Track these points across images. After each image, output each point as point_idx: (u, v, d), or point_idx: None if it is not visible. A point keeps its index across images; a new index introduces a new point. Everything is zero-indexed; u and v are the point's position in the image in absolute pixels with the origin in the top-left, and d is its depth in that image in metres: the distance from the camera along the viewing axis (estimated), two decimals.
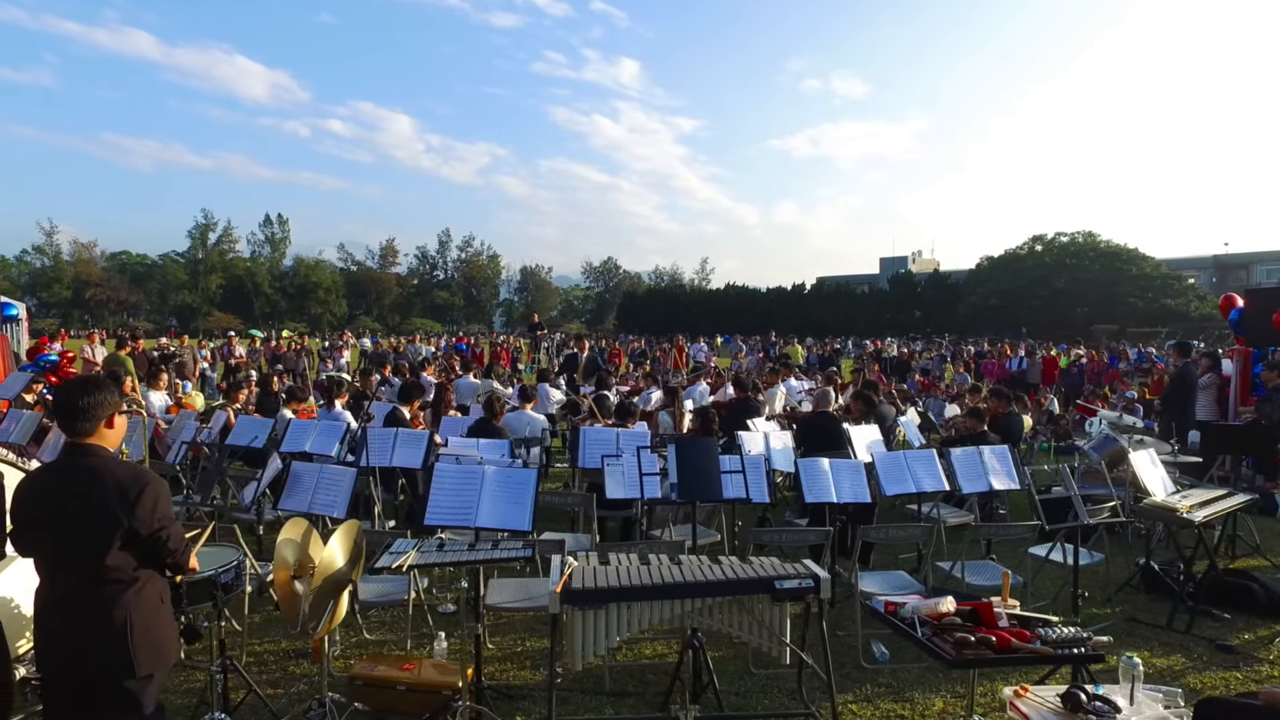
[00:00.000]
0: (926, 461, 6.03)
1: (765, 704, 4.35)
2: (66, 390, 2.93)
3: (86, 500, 2.76)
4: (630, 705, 4.29)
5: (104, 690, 2.81)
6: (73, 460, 2.86)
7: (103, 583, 2.78)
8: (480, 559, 3.62)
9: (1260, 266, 58.39)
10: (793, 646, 4.05)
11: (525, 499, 4.07)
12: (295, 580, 3.59)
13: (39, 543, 2.85)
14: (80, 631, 2.76)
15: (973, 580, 5.11)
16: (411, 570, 3.70)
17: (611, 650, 4.15)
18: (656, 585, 3.60)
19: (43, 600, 2.85)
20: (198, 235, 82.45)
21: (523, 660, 4.86)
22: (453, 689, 4.08)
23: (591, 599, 3.53)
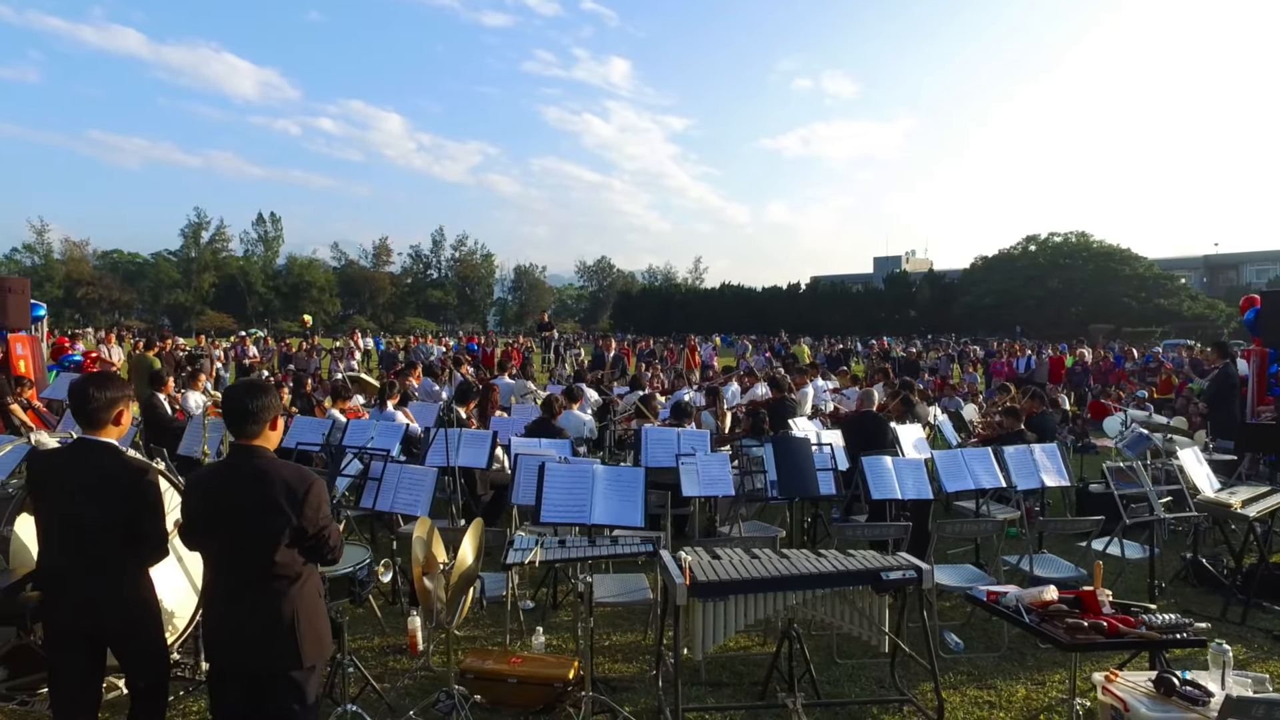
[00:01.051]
0: (984, 460, 6.23)
1: (856, 692, 4.54)
2: (236, 393, 3.06)
3: (257, 500, 2.88)
4: (729, 695, 4.46)
5: (272, 681, 2.93)
6: (241, 461, 2.98)
7: (271, 578, 2.90)
8: (605, 554, 3.79)
9: (1250, 266, 59.30)
10: (892, 636, 4.25)
11: (636, 496, 4.24)
12: (425, 576, 3.74)
13: (210, 540, 2.97)
14: (251, 625, 2.89)
15: (1039, 572, 5.31)
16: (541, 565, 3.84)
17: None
18: (776, 577, 3.79)
19: (214, 595, 2.98)
20: (190, 234, 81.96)
21: (613, 654, 5.02)
22: (563, 681, 4.25)
23: (716, 591, 3.70)
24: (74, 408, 3.09)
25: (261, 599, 2.91)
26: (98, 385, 3.11)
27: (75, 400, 3.08)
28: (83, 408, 3.06)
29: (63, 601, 3.02)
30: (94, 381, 3.13)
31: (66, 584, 3.01)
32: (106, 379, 3.18)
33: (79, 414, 3.08)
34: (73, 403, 3.10)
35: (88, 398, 3.07)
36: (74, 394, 3.09)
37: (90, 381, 3.13)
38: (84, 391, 3.08)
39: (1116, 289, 48.67)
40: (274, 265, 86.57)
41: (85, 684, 3.10)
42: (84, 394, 3.07)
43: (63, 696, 3.07)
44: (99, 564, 3.04)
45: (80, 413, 3.07)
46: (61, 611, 3.02)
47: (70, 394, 3.14)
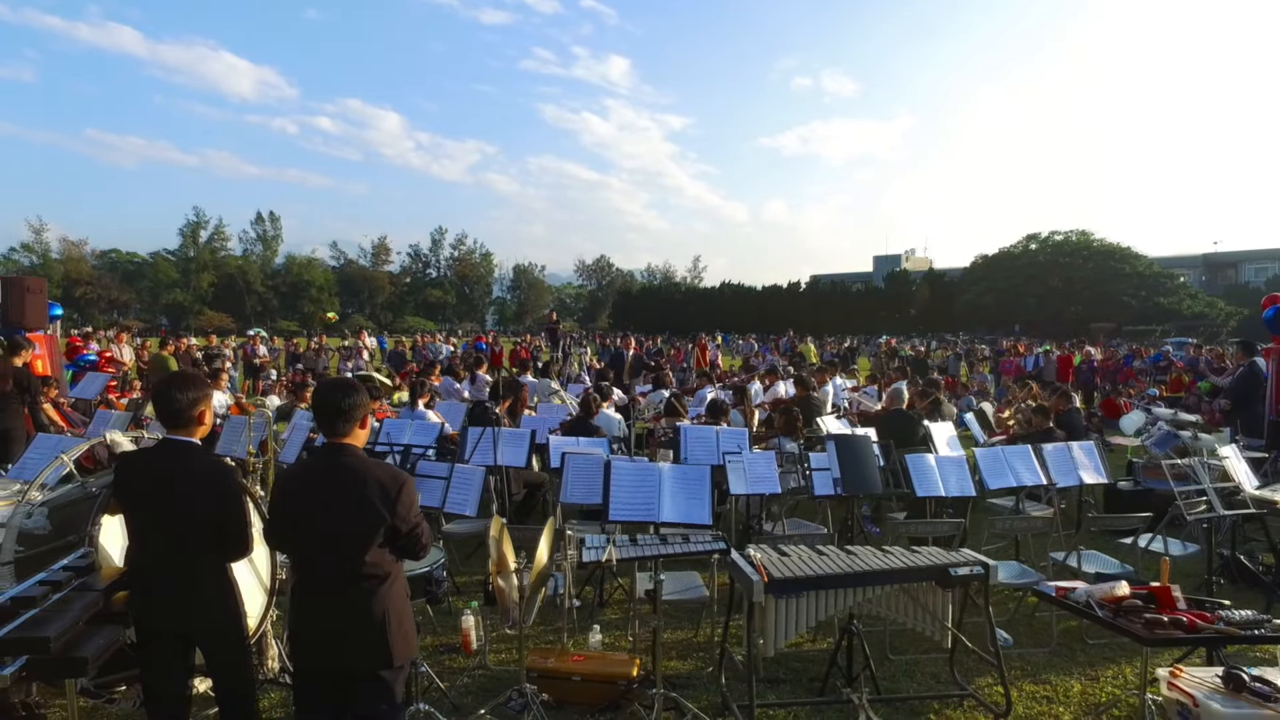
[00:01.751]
0: (1024, 457, 6.27)
1: (914, 687, 4.57)
2: (328, 391, 3.06)
3: (351, 498, 2.88)
4: (788, 691, 4.49)
5: (361, 680, 2.93)
6: (333, 459, 2.99)
7: (363, 577, 2.91)
8: (677, 552, 3.82)
9: (1249, 265, 59.59)
10: (955, 631, 4.29)
11: (703, 494, 4.26)
12: (498, 575, 3.76)
13: (301, 539, 2.98)
14: (343, 624, 2.89)
15: (1086, 568, 5.35)
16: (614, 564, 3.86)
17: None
18: (851, 573, 3.82)
19: (304, 594, 2.97)
20: (189, 233, 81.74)
21: (667, 651, 5.04)
22: (627, 679, 4.27)
23: (791, 587, 3.73)
24: (159, 409, 3.10)
25: (354, 598, 2.91)
26: (180, 387, 3.12)
27: (160, 402, 3.09)
28: (168, 409, 3.07)
29: (154, 602, 3.03)
30: (177, 383, 3.14)
31: (157, 584, 3.02)
32: (188, 380, 3.19)
33: (164, 415, 3.09)
34: (157, 405, 3.11)
35: (172, 399, 3.08)
36: (158, 396, 3.10)
37: (173, 383, 3.14)
38: (168, 393, 3.09)
39: (1117, 287, 48.87)
40: (273, 265, 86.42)
41: (176, 683, 3.11)
42: (168, 396, 3.08)
43: (155, 695, 3.08)
44: (189, 564, 3.05)
45: (166, 414, 3.08)
46: (153, 611, 3.03)
47: (154, 396, 3.15)
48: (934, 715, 4.21)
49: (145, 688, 3.08)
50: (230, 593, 3.15)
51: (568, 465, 5.60)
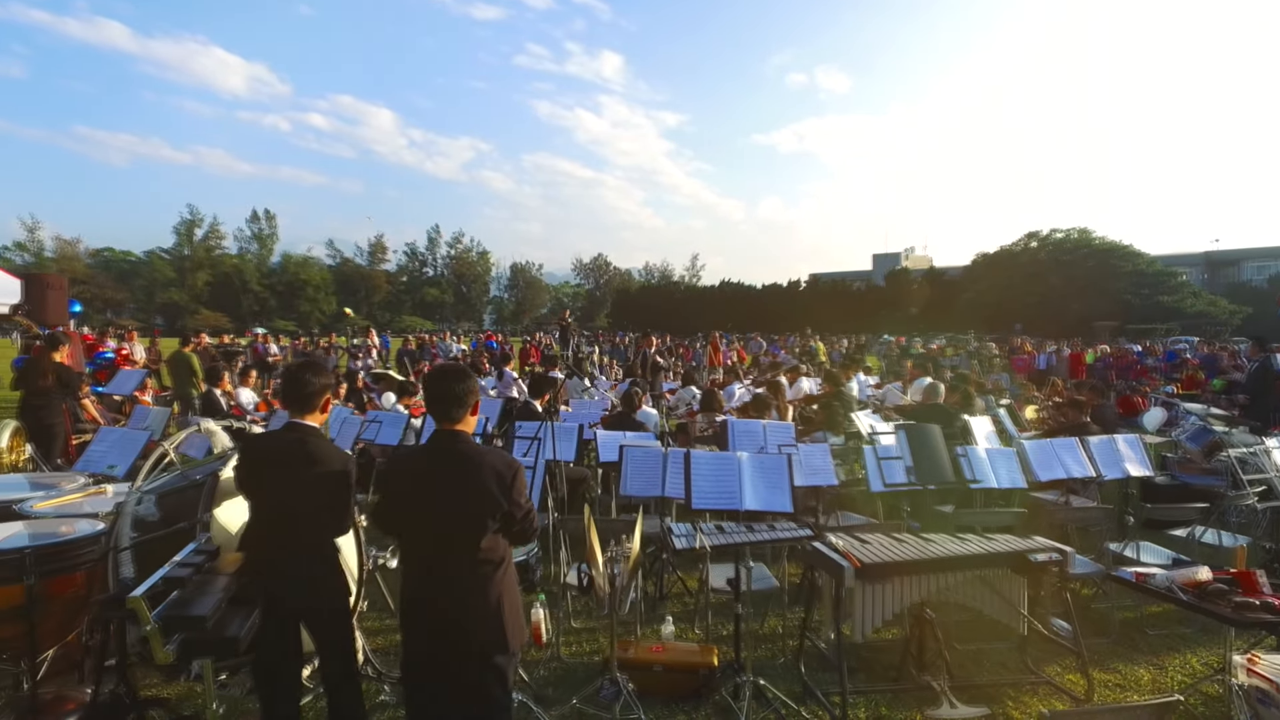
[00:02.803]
0: (1071, 449, 6.33)
1: (983, 674, 4.62)
2: (441, 379, 3.10)
3: (468, 485, 2.92)
4: (863, 678, 4.54)
5: (476, 664, 2.96)
6: (447, 446, 3.02)
7: (479, 563, 2.95)
8: (766, 539, 3.87)
9: (1250, 263, 59.98)
10: (1030, 617, 4.34)
11: (783, 483, 4.31)
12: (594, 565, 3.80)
13: (416, 525, 3.00)
14: (458, 609, 2.92)
15: (1145, 558, 5.41)
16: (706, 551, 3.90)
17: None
18: (938, 558, 3.87)
19: (418, 579, 3.00)
20: (184, 231, 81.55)
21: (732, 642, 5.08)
22: (709, 668, 4.31)
23: (881, 574, 3.78)
24: (288, 393, 3.14)
25: (469, 583, 2.94)
26: (313, 371, 3.17)
27: (291, 386, 3.13)
28: (299, 393, 3.11)
29: (278, 582, 3.06)
30: (309, 368, 3.19)
31: (282, 565, 3.05)
32: (319, 366, 3.24)
33: (293, 399, 3.13)
34: (287, 388, 3.15)
35: (304, 383, 3.12)
36: (290, 380, 3.15)
37: (306, 368, 3.19)
38: (300, 377, 3.13)
39: (1118, 286, 49.10)
40: (269, 263, 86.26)
41: (292, 665, 3.15)
42: (300, 380, 3.12)
43: (270, 678, 3.11)
44: (312, 546, 3.09)
45: (296, 398, 3.12)
46: (278, 592, 3.06)
47: (286, 380, 3.20)
48: (1010, 701, 4.27)
49: (262, 670, 3.11)
50: (344, 574, 3.19)
51: (627, 459, 5.63)
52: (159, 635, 2.24)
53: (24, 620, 3.64)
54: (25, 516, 4.34)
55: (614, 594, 3.69)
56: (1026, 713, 4.13)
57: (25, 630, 3.67)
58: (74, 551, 3.71)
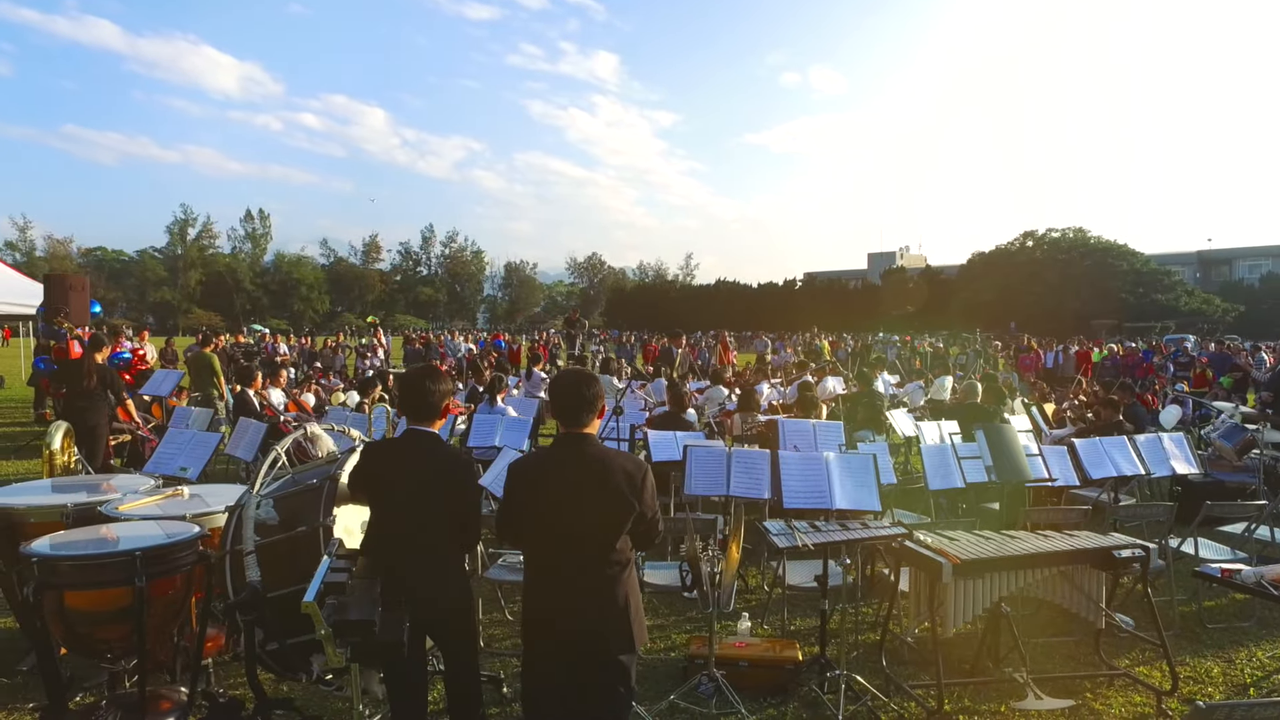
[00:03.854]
0: (1121, 448, 6.44)
1: (1057, 667, 4.70)
2: (570, 383, 3.13)
3: (602, 488, 2.94)
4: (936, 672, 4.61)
5: (604, 665, 2.99)
6: (576, 450, 3.05)
7: (608, 564, 2.98)
8: (862, 537, 3.93)
9: (1242, 262, 60.68)
10: (1109, 612, 4.42)
11: (870, 481, 4.37)
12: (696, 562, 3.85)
13: (545, 528, 3.01)
14: (590, 609, 2.95)
15: (1204, 554, 5.51)
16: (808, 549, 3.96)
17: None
18: (1028, 555, 3.94)
19: (547, 581, 3.02)
20: (176, 230, 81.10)
21: (806, 638, 5.13)
22: (794, 663, 4.38)
23: (976, 570, 3.85)
24: (410, 400, 3.17)
25: (599, 584, 2.96)
26: (434, 379, 3.20)
27: (413, 393, 3.16)
28: (423, 400, 3.14)
29: (407, 589, 3.08)
30: (430, 375, 3.22)
31: (407, 574, 3.07)
32: (439, 373, 3.28)
33: (416, 406, 3.15)
34: (409, 396, 3.18)
35: (427, 391, 3.14)
36: (412, 387, 3.18)
37: (427, 375, 3.21)
38: (422, 385, 3.16)
39: (1114, 285, 49.54)
40: (262, 262, 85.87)
41: (420, 672, 3.18)
42: (422, 387, 3.15)
43: (401, 685, 3.14)
44: (437, 553, 3.12)
45: (419, 405, 3.15)
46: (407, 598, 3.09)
47: (406, 387, 3.22)
48: (1089, 694, 4.35)
49: (393, 678, 3.14)
50: (466, 577, 3.23)
51: (691, 458, 5.68)
52: (331, 639, 2.28)
53: (132, 621, 3.67)
54: (111, 519, 4.34)
55: (715, 592, 3.74)
56: (1108, 705, 4.21)
57: (133, 631, 3.70)
58: (177, 554, 3.73)
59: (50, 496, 4.82)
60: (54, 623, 3.64)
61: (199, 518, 4.27)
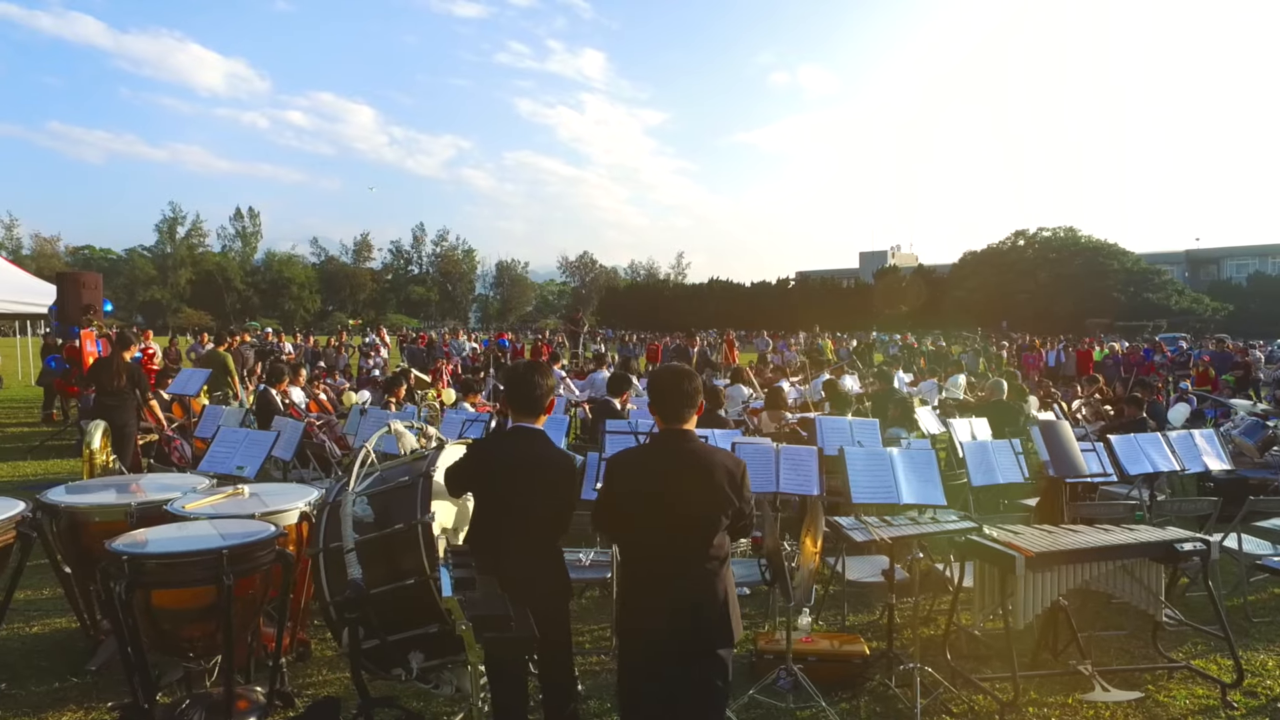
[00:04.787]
0: (1156, 444, 6.52)
1: (1114, 660, 4.77)
2: (671, 379, 3.17)
3: (704, 483, 2.97)
4: (998, 664, 4.67)
5: (701, 658, 3.01)
6: (677, 445, 3.08)
7: (709, 558, 3.01)
8: (933, 531, 3.99)
9: (1230, 261, 61.45)
10: (1169, 605, 4.50)
11: (934, 476, 4.43)
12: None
13: (646, 524, 3.03)
14: (693, 604, 2.96)
15: (1248, 549, 5.60)
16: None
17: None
18: (1096, 548, 4.01)
19: (648, 577, 3.04)
20: (165, 229, 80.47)
21: (867, 634, 5.18)
22: (861, 657, 4.43)
23: (1047, 563, 3.92)
24: (518, 396, 3.18)
25: (700, 579, 2.99)
26: (542, 374, 3.22)
27: (521, 389, 3.17)
28: (529, 395, 3.16)
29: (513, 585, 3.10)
30: (538, 370, 3.24)
31: (515, 568, 3.08)
32: (546, 368, 3.30)
33: (523, 402, 3.17)
34: (517, 391, 3.19)
35: (534, 385, 3.16)
36: (519, 383, 3.19)
37: (535, 370, 3.23)
38: (530, 380, 3.18)
39: (1105, 284, 50.04)
40: (252, 261, 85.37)
41: (524, 673, 3.21)
42: (530, 382, 3.17)
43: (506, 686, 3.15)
44: (542, 550, 3.14)
45: (526, 400, 3.16)
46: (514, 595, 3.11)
47: (516, 384, 3.24)
48: (1151, 686, 4.42)
49: (496, 675, 3.15)
50: (568, 574, 3.25)
51: (740, 456, 5.73)
52: (471, 634, 2.30)
53: (216, 620, 3.67)
54: (178, 518, 4.34)
55: (795, 588, 3.79)
56: (1172, 698, 4.29)
57: (217, 630, 3.71)
58: (258, 552, 3.73)
59: (111, 496, 4.80)
60: (124, 619, 3.63)
61: (269, 516, 4.28)
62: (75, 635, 5.06)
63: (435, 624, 3.16)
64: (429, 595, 3.12)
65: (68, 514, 4.56)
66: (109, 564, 3.63)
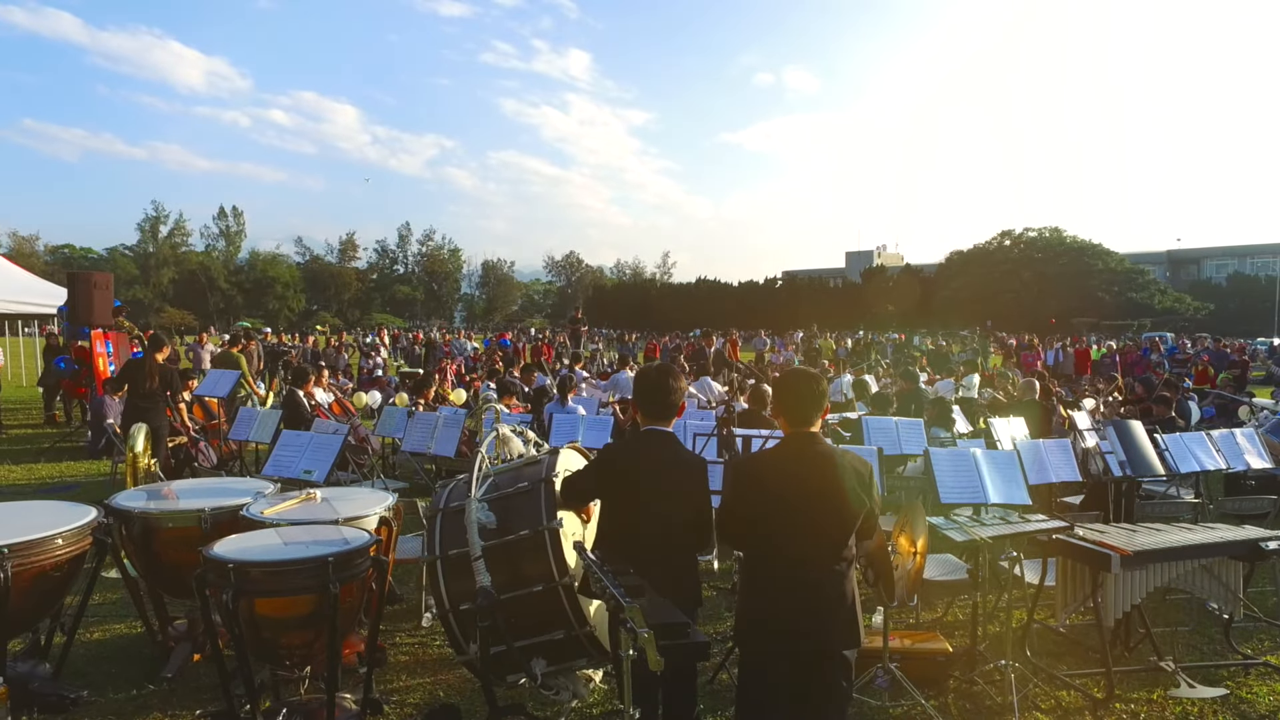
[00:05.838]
0: (1201, 443, 6.62)
1: (1182, 657, 4.83)
2: (799, 382, 3.16)
3: (838, 486, 2.96)
4: (1072, 661, 4.72)
5: (827, 660, 3.01)
6: (807, 449, 3.06)
7: (838, 560, 3.01)
8: (1024, 530, 4.02)
9: (1210, 261, 62.54)
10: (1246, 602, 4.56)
11: (1017, 476, 4.46)
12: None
13: (777, 527, 3.00)
14: (823, 606, 2.96)
15: None
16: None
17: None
18: (1187, 546, 4.06)
19: (778, 583, 3.01)
20: (148, 228, 79.33)
21: (941, 630, 5.20)
22: (944, 655, 4.45)
23: (1140, 562, 3.96)
24: (652, 399, 3.16)
25: (830, 581, 2.98)
26: (675, 376, 3.20)
27: (654, 392, 3.15)
28: (664, 399, 3.14)
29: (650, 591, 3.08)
30: (672, 373, 3.22)
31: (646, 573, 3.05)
32: (678, 371, 3.28)
33: (658, 405, 3.15)
34: (650, 395, 3.17)
35: (669, 389, 3.14)
36: (653, 386, 3.17)
37: (668, 373, 3.22)
38: (665, 384, 3.15)
39: (1090, 283, 50.72)
40: (236, 260, 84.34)
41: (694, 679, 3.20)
42: (665, 385, 3.15)
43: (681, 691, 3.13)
44: (674, 553, 3.13)
45: (660, 404, 3.14)
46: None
47: (646, 386, 3.21)
48: (1230, 683, 4.47)
49: (670, 682, 3.14)
50: (699, 578, 3.24)
51: None
52: (653, 642, 2.27)
53: (319, 627, 3.62)
54: (255, 523, 4.27)
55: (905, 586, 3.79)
56: (1255, 694, 4.34)
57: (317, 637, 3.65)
58: (358, 559, 3.68)
59: (180, 502, 4.71)
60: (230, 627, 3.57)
61: (351, 522, 4.23)
62: (138, 641, 4.99)
63: (561, 630, 3.14)
64: (557, 601, 3.10)
65: (141, 519, 4.48)
66: (210, 571, 3.57)
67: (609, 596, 2.51)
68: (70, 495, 8.15)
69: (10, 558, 3.72)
